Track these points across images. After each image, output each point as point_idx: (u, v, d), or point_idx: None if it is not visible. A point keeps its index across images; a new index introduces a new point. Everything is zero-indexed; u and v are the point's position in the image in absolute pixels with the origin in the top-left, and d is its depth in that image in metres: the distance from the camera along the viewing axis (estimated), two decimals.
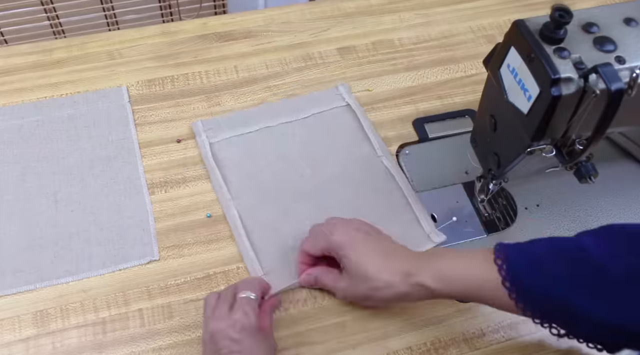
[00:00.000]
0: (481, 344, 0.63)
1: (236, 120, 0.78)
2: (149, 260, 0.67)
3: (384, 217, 0.70)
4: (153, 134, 0.77)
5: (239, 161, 0.74)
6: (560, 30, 0.52)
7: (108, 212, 0.70)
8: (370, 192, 0.73)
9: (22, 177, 0.72)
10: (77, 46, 0.86)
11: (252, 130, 0.77)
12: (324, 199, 0.72)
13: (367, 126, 0.78)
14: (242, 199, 0.71)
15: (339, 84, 0.83)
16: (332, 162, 0.75)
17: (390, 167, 0.74)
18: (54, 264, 0.66)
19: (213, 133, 0.76)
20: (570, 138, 0.56)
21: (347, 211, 0.70)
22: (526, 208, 0.73)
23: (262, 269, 0.65)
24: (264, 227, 0.69)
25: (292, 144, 0.76)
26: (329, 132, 0.78)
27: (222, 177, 0.72)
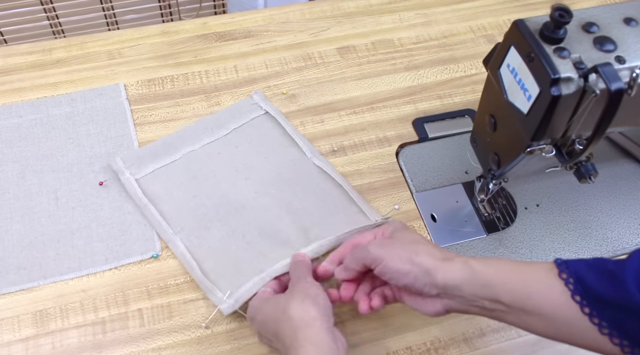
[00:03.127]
0: (481, 344, 0.63)
1: (157, 151, 0.74)
2: (152, 255, 0.67)
3: (330, 215, 0.70)
4: (153, 134, 0.77)
5: (171, 192, 0.71)
6: (560, 30, 0.52)
7: (109, 209, 0.70)
8: (310, 194, 0.71)
9: (22, 175, 0.72)
10: (77, 46, 0.86)
11: (175, 158, 0.74)
12: (265, 203, 0.70)
13: (291, 130, 0.77)
14: (185, 230, 0.68)
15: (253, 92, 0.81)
16: (264, 172, 0.73)
17: (323, 166, 0.74)
18: (56, 261, 0.66)
19: (136, 169, 0.72)
20: (570, 138, 0.56)
21: (292, 214, 0.69)
22: (526, 208, 0.73)
23: (224, 294, 0.63)
24: (215, 252, 0.66)
25: (220, 163, 0.74)
26: (253, 143, 0.76)
27: (159, 212, 0.69)
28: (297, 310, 0.53)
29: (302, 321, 0.52)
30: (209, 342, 0.62)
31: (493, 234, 0.71)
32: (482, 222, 0.72)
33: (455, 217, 0.72)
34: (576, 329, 0.48)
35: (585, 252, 0.70)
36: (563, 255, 0.70)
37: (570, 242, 0.71)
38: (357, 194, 0.72)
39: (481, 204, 0.73)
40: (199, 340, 0.62)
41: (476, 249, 0.70)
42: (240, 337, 0.62)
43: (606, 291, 0.46)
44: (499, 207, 0.74)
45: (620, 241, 0.71)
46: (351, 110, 0.81)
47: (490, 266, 0.51)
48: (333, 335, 0.52)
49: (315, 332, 0.51)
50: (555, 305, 0.48)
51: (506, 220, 0.72)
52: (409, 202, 0.74)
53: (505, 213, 0.73)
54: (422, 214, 0.72)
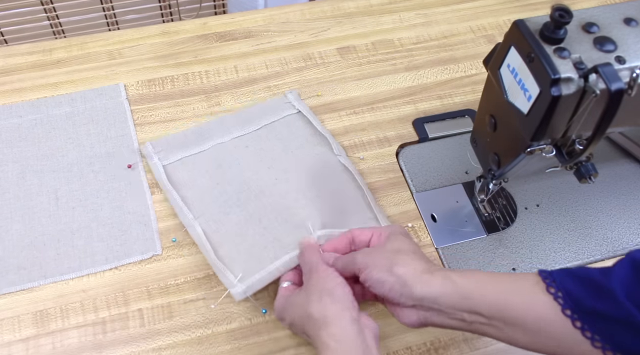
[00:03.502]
0: (481, 344, 0.63)
1: (187, 140, 0.76)
2: (152, 255, 0.67)
3: (345, 213, 0.70)
4: (153, 134, 0.77)
5: (195, 180, 0.72)
6: (560, 30, 0.52)
7: (109, 209, 0.70)
8: (330, 187, 0.72)
9: (22, 175, 0.72)
10: (77, 46, 0.86)
11: (204, 148, 0.75)
12: (284, 188, 0.71)
13: (322, 129, 0.77)
14: (205, 215, 0.69)
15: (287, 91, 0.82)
16: (289, 163, 0.74)
17: (348, 165, 0.74)
18: (56, 261, 0.66)
19: (164, 155, 0.74)
20: (570, 138, 0.56)
21: (308, 207, 0.69)
22: (526, 208, 0.73)
23: (236, 277, 0.63)
24: (231, 236, 0.67)
25: (247, 156, 0.74)
26: (283, 140, 0.76)
27: (181, 197, 0.70)
28: (316, 309, 0.52)
29: (323, 320, 0.51)
30: (209, 342, 0.62)
31: (493, 234, 0.71)
32: (482, 222, 0.72)
33: (456, 217, 0.73)
34: (565, 343, 0.47)
35: (585, 252, 0.70)
36: (563, 256, 0.70)
37: (570, 242, 0.71)
38: (374, 199, 0.72)
39: (481, 204, 0.73)
40: (199, 340, 0.62)
41: (476, 249, 0.70)
42: (240, 337, 0.62)
43: (597, 304, 0.46)
44: (499, 207, 0.74)
45: (620, 241, 0.71)
46: (351, 111, 0.81)
47: (470, 278, 0.51)
48: (358, 325, 0.51)
49: (338, 329, 0.51)
50: (542, 319, 0.48)
51: (506, 221, 0.72)
52: (409, 202, 0.74)
53: (505, 213, 0.73)
54: (422, 214, 0.72)
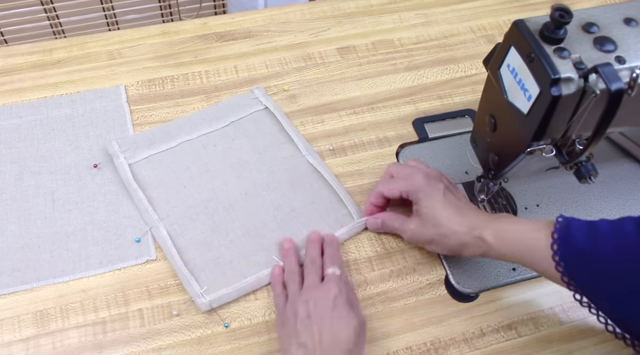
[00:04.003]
0: (481, 344, 0.63)
1: (154, 137, 0.75)
2: (146, 260, 0.67)
3: (317, 215, 0.70)
4: None
5: (162, 179, 0.72)
6: (560, 30, 0.52)
7: (105, 212, 0.70)
8: (300, 193, 0.72)
9: (20, 176, 0.72)
10: (77, 46, 0.86)
11: (171, 146, 0.75)
12: (253, 206, 0.70)
13: (288, 127, 0.77)
14: (170, 217, 0.69)
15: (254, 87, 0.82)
16: (258, 168, 0.74)
17: (316, 164, 0.74)
18: (50, 264, 0.66)
19: (131, 153, 0.73)
20: (570, 138, 0.56)
21: (279, 214, 0.70)
22: (526, 208, 0.73)
23: (200, 286, 0.64)
24: (196, 244, 0.67)
25: (214, 155, 0.74)
26: (250, 137, 0.76)
27: (147, 198, 0.70)
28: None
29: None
30: (209, 342, 0.62)
31: None
32: None
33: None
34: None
35: None
36: None
37: None
38: (346, 192, 0.73)
39: (481, 204, 0.73)
40: (199, 340, 0.62)
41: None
42: (240, 337, 0.62)
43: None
44: (499, 207, 0.74)
45: None
46: (351, 111, 0.81)
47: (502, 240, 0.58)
48: None
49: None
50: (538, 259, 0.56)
51: None
52: None
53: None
54: None
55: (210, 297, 0.63)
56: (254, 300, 0.65)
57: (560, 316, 0.65)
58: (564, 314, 0.65)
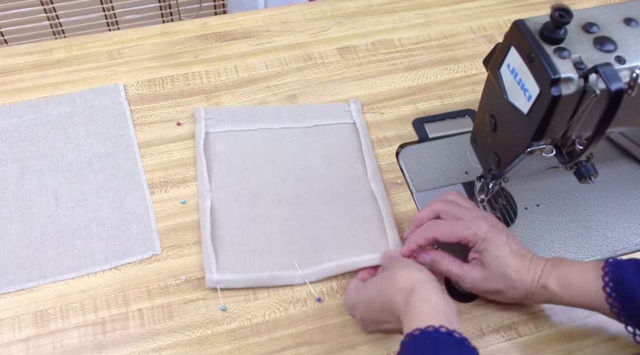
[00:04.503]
0: (481, 344, 0.63)
1: (239, 115, 0.78)
2: (151, 254, 0.67)
3: (355, 240, 0.68)
4: (153, 134, 0.77)
5: (229, 156, 0.74)
6: (560, 30, 0.52)
7: (108, 209, 0.70)
8: (349, 213, 0.71)
9: (22, 175, 0.72)
10: (77, 46, 0.86)
11: (251, 128, 0.77)
12: (299, 211, 0.70)
13: (367, 148, 0.76)
14: (220, 191, 0.71)
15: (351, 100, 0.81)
16: (320, 176, 0.73)
17: (377, 192, 0.72)
18: (55, 261, 0.66)
19: (213, 123, 0.76)
20: (570, 138, 0.56)
21: (319, 227, 0.69)
22: (526, 208, 0.73)
23: (217, 264, 0.65)
24: (231, 225, 0.68)
25: (287, 150, 0.75)
26: (327, 146, 0.76)
27: (208, 167, 0.72)
28: (403, 277, 0.55)
29: (410, 285, 0.54)
30: (209, 342, 0.62)
31: None
32: None
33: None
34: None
35: (585, 252, 0.70)
36: (563, 255, 0.70)
37: (570, 242, 0.71)
38: (395, 228, 0.70)
39: (481, 204, 0.72)
40: (199, 340, 0.62)
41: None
42: (240, 337, 0.62)
43: None
44: (499, 207, 0.74)
45: (620, 241, 0.71)
46: None
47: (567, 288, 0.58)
48: (444, 294, 0.54)
49: (426, 292, 0.53)
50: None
51: (506, 220, 0.72)
52: (409, 202, 0.74)
53: (505, 213, 0.73)
54: None
55: (219, 276, 0.64)
56: (254, 300, 0.65)
57: (560, 316, 0.65)
58: (563, 314, 0.65)
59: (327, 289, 0.66)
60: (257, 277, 0.65)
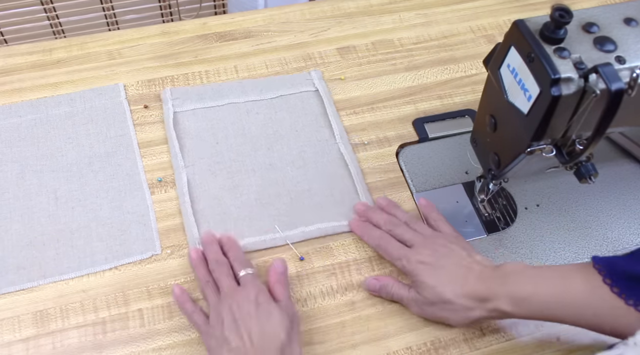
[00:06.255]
0: (481, 344, 0.63)
1: (204, 93, 0.80)
2: (151, 254, 0.67)
3: (331, 201, 0.72)
4: (153, 134, 0.77)
5: (199, 132, 0.76)
6: (560, 30, 0.52)
7: (108, 209, 0.70)
8: (320, 176, 0.74)
9: (22, 175, 0.72)
10: (77, 46, 0.86)
11: (218, 104, 0.79)
12: (274, 177, 0.73)
13: (331, 113, 0.79)
14: (194, 167, 0.73)
15: (311, 70, 0.84)
16: (290, 143, 0.76)
17: (346, 153, 0.75)
18: (56, 261, 0.66)
19: (180, 102, 0.78)
20: (571, 138, 0.56)
21: (295, 190, 0.72)
22: (526, 208, 0.73)
23: (200, 234, 0.67)
24: (209, 197, 0.71)
25: (254, 122, 0.78)
26: (293, 114, 0.79)
27: (180, 145, 0.74)
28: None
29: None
30: None
31: (493, 234, 0.71)
32: (482, 222, 0.72)
33: (456, 218, 0.72)
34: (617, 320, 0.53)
35: (585, 252, 0.70)
36: (563, 255, 0.70)
37: (570, 242, 0.71)
38: (366, 188, 0.73)
39: (481, 204, 0.73)
40: (199, 341, 0.62)
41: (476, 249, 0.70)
42: None
43: None
44: (499, 207, 0.74)
45: (620, 241, 0.71)
46: (351, 111, 0.81)
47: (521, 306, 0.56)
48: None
49: None
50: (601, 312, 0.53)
51: (506, 221, 0.72)
52: (409, 202, 0.74)
53: (505, 213, 0.73)
54: (423, 214, 0.72)
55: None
56: None
57: None
58: None
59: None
60: (243, 243, 0.67)
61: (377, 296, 0.65)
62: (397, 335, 0.63)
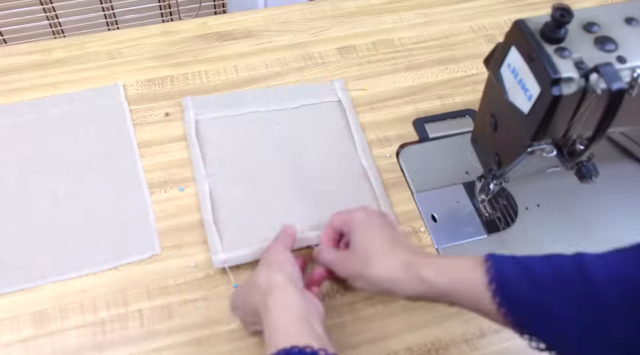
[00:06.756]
0: (481, 344, 0.63)
1: (226, 101, 0.79)
2: (151, 254, 0.67)
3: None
4: (152, 134, 0.77)
5: (221, 141, 0.76)
6: (561, 29, 0.52)
7: (108, 208, 0.70)
8: (341, 189, 0.73)
9: (21, 175, 0.72)
10: (77, 46, 0.86)
11: (239, 113, 0.78)
12: (295, 186, 0.73)
13: (354, 124, 0.78)
14: (217, 175, 0.72)
15: (334, 79, 0.83)
16: (311, 154, 0.76)
17: (367, 167, 0.75)
18: (55, 261, 0.66)
19: (201, 111, 0.78)
20: (571, 138, 0.56)
21: (316, 202, 0.71)
22: (527, 208, 0.73)
23: (222, 244, 0.67)
24: (231, 206, 0.70)
25: (276, 132, 0.77)
26: (315, 124, 0.79)
27: (202, 153, 0.74)
28: (263, 277, 0.55)
29: (268, 286, 0.53)
30: (209, 342, 0.62)
31: (494, 234, 0.71)
32: (482, 222, 0.72)
33: (456, 218, 0.72)
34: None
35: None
36: None
37: (570, 242, 0.71)
38: (387, 199, 0.72)
39: (482, 204, 0.72)
40: (199, 341, 0.62)
41: (477, 249, 0.70)
42: (241, 338, 0.62)
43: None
44: (500, 207, 0.73)
45: (621, 241, 0.71)
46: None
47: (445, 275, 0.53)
48: (303, 296, 0.53)
49: (283, 295, 0.52)
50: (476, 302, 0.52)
51: (507, 221, 0.72)
52: (409, 202, 0.73)
53: (505, 213, 0.73)
54: (423, 214, 0.72)
55: (226, 255, 0.65)
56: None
57: None
58: None
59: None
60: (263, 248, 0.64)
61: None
62: (397, 335, 0.63)
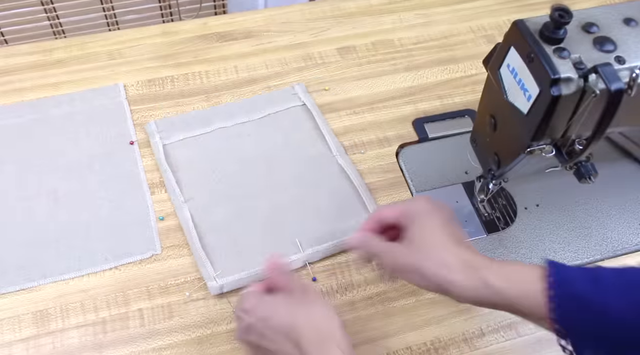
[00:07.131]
0: (481, 344, 0.63)
1: (191, 121, 0.77)
2: (151, 254, 0.67)
3: (338, 216, 0.70)
4: None
5: (193, 162, 0.74)
6: (560, 30, 0.52)
7: (109, 208, 0.70)
8: (324, 191, 0.73)
9: (22, 175, 0.72)
10: (77, 46, 0.86)
11: (206, 131, 0.77)
12: (278, 198, 0.72)
13: (323, 125, 0.78)
14: (195, 200, 0.70)
15: (295, 84, 0.83)
16: (287, 161, 0.75)
17: (345, 166, 0.74)
18: (56, 261, 0.66)
19: (167, 134, 0.76)
20: (570, 138, 0.56)
21: (302, 210, 0.71)
22: (526, 208, 0.73)
23: (215, 271, 0.65)
24: (216, 228, 0.69)
25: (247, 145, 0.76)
26: (284, 131, 0.78)
27: (176, 179, 0.72)
28: (323, 318, 0.51)
29: (329, 329, 0.50)
30: (209, 342, 0.62)
31: (493, 234, 0.71)
32: (482, 222, 0.72)
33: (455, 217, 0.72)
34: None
35: (585, 252, 0.70)
36: (563, 255, 0.70)
37: (570, 242, 0.71)
38: (371, 196, 0.73)
39: (481, 204, 0.73)
40: (199, 340, 0.62)
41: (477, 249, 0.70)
42: None
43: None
44: (499, 207, 0.74)
45: (620, 241, 0.71)
46: (351, 111, 0.81)
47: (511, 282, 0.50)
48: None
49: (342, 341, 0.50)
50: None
51: (506, 220, 0.72)
52: None
53: (505, 213, 0.73)
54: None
55: (222, 281, 0.64)
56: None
57: None
58: None
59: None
60: (259, 271, 0.65)
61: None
62: (397, 335, 0.63)
